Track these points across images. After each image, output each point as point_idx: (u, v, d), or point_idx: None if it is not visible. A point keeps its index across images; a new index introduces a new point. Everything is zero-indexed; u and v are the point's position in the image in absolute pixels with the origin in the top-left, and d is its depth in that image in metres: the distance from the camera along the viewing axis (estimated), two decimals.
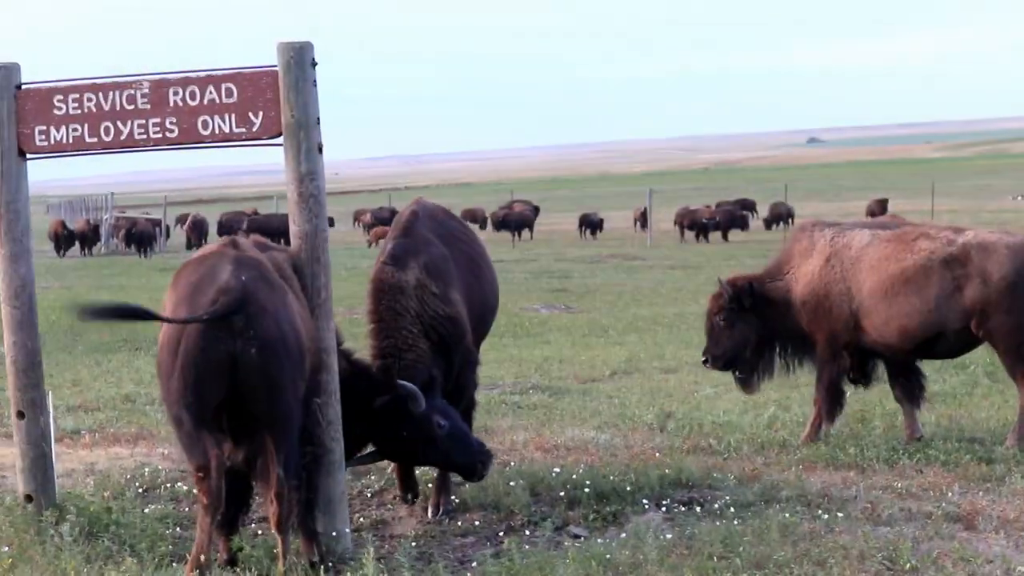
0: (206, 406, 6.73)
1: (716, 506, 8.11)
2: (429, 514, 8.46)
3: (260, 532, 8.00)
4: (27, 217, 8.14)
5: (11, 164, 8.01)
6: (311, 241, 7.68)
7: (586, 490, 8.38)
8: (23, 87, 7.98)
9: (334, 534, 7.53)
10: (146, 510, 8.23)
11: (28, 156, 8.03)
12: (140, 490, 8.98)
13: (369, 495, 8.94)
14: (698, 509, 8.14)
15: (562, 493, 8.45)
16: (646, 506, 8.23)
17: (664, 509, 8.20)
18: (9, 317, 8.07)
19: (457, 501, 8.53)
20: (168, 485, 9.12)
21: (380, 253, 8.89)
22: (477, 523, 8.18)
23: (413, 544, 7.60)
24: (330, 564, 7.23)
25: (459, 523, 8.20)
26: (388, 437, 8.02)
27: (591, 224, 57.18)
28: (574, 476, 8.63)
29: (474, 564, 7.31)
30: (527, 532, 7.89)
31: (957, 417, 10.81)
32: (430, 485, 8.67)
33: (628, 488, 8.43)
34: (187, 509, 8.58)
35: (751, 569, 6.82)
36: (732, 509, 7.97)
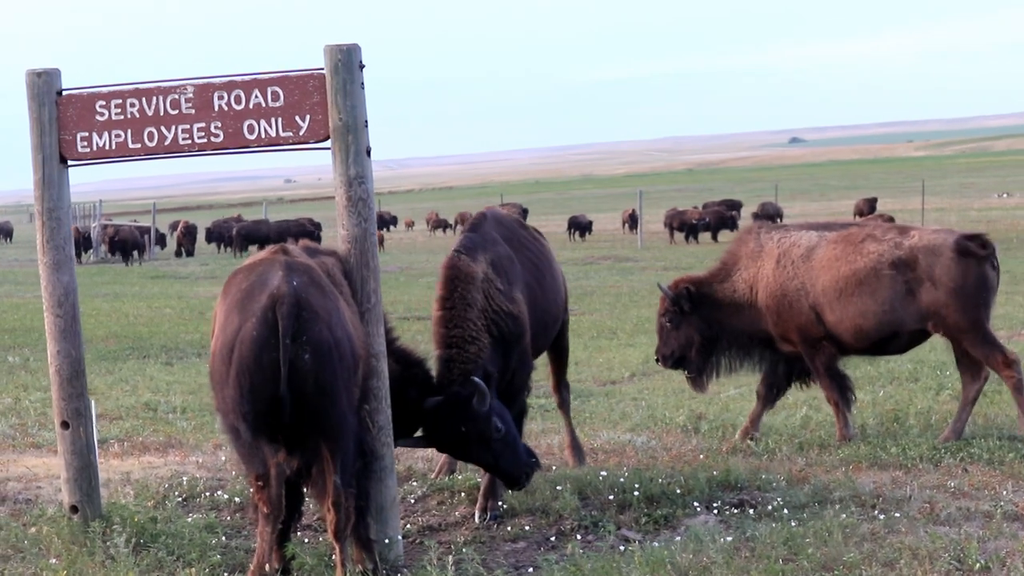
0: (262, 414, 6.63)
1: (769, 508, 8.03)
2: (476, 519, 8.35)
3: (307, 540, 7.90)
4: (69, 225, 8.02)
5: (53, 171, 7.89)
6: (360, 245, 7.58)
7: (635, 493, 8.29)
8: (64, 93, 7.86)
9: (386, 541, 7.44)
10: (188, 519, 8.10)
11: (70, 163, 7.91)
12: (180, 499, 8.84)
13: (412, 501, 8.82)
14: (751, 511, 8.05)
15: (611, 496, 8.36)
16: (697, 508, 8.17)
17: (715, 511, 8.13)
18: (53, 326, 7.95)
19: (505, 506, 8.43)
20: (208, 494, 9.00)
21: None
22: (527, 528, 8.07)
23: (464, 550, 7.50)
24: (384, 571, 7.14)
25: (508, 528, 8.08)
26: (444, 430, 7.91)
27: (580, 226, 57.12)
28: (621, 479, 8.54)
29: (530, 570, 7.21)
30: (579, 536, 7.80)
31: (992, 415, 10.76)
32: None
33: (678, 491, 8.35)
34: (229, 518, 8.48)
35: (819, 571, 6.75)
36: (786, 511, 7.90)
